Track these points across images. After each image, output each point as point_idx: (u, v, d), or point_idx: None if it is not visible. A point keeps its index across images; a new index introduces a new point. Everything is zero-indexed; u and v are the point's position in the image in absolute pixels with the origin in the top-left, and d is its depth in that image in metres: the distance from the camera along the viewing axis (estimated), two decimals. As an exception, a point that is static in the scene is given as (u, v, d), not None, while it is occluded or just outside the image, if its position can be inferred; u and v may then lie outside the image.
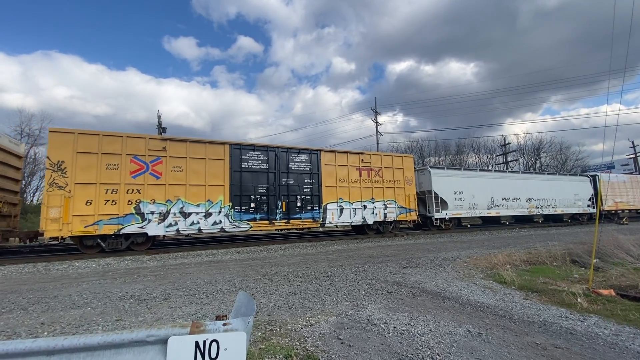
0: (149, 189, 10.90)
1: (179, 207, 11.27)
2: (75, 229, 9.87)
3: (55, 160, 9.83)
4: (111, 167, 10.47)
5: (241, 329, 2.20)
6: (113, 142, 10.65)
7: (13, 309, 4.83)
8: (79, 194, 10.00)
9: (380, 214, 15.19)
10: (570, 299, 4.69)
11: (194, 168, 11.65)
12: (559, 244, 10.03)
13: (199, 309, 4.65)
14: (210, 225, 11.72)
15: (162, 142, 11.39)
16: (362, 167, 15.06)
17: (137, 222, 10.64)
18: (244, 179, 12.49)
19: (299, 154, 13.76)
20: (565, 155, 46.97)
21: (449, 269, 7.28)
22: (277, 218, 12.89)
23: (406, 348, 3.22)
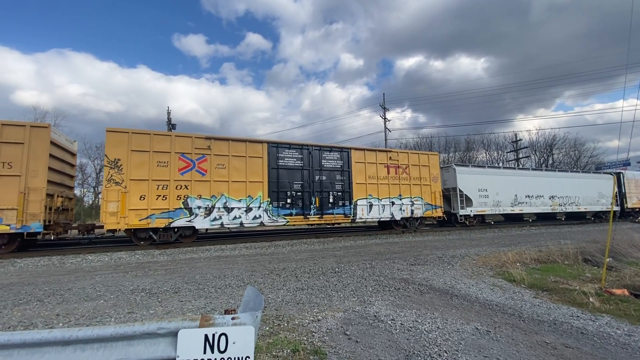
0: (196, 185, 11.56)
1: (223, 202, 11.93)
2: (131, 222, 10.61)
3: (112, 158, 10.54)
4: (161, 164, 11.15)
5: (249, 323, 2.23)
6: (162, 141, 11.31)
7: (30, 301, 4.99)
8: (134, 189, 10.70)
9: (408, 210, 15.65)
10: (581, 299, 4.62)
11: (236, 165, 12.29)
12: (571, 243, 9.85)
13: (208, 302, 4.73)
14: (250, 219, 12.40)
15: (206, 140, 11.96)
16: (390, 165, 15.50)
17: (185, 216, 11.33)
18: (280, 175, 13.08)
19: (330, 152, 14.32)
20: (579, 152, 45.94)
21: (457, 266, 7.23)
22: (311, 213, 13.50)
23: (413, 345, 3.23)
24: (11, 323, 4.00)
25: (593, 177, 23.68)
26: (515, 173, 20.52)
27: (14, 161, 9.57)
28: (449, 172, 17.89)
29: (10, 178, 9.47)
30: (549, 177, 21.35)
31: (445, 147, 45.50)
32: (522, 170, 22.17)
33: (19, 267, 8.05)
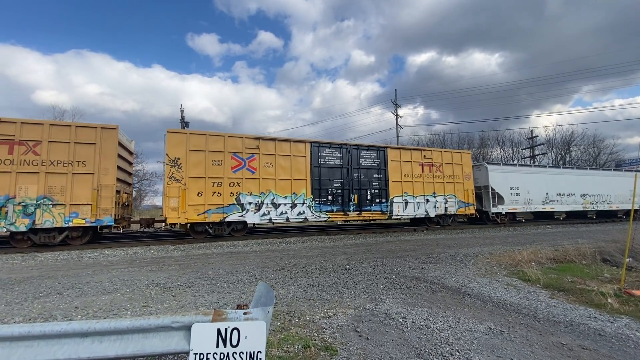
0: (247, 182, 12.33)
1: (271, 198, 12.67)
2: (190, 216, 11.38)
3: (173, 157, 11.33)
4: (216, 163, 11.92)
5: (261, 319, 2.25)
6: (217, 141, 12.06)
7: (49, 294, 5.16)
8: (192, 186, 11.47)
9: (442, 208, 16.04)
10: (599, 299, 4.50)
11: (282, 164, 13.02)
12: (589, 242, 9.58)
13: (220, 297, 4.80)
14: (295, 215, 13.11)
15: (255, 140, 12.70)
16: (424, 163, 15.95)
17: (237, 212, 12.10)
18: (322, 173, 13.74)
19: (368, 150, 14.83)
20: (598, 149, 44.48)
21: (470, 265, 7.13)
22: (350, 210, 14.06)
23: (424, 343, 3.20)
24: (32, 315, 4.15)
25: (625, 175, 23.44)
26: (546, 171, 20.58)
27: (87, 160, 10.39)
28: (480, 171, 18.07)
29: (84, 176, 10.31)
30: (580, 175, 21.34)
31: (458, 144, 44.77)
32: (554, 168, 22.17)
33: (39, 261, 8.33)
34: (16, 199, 9.62)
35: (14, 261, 8.32)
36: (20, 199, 9.65)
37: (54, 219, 9.89)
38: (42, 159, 9.93)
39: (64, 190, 10.04)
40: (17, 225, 9.57)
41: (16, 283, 5.85)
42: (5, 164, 9.64)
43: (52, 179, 9.97)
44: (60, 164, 10.10)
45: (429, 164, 16.03)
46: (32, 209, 9.71)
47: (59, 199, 9.97)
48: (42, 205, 9.79)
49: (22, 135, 9.87)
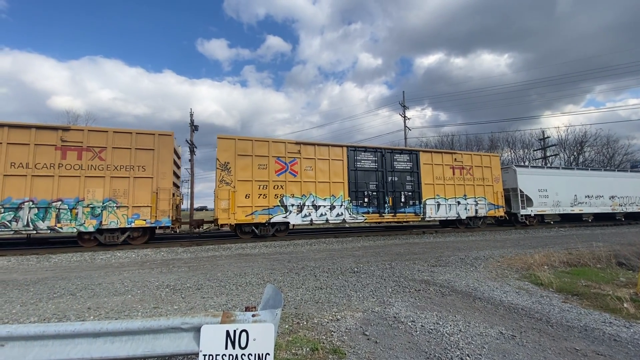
0: (289, 185, 12.98)
1: (311, 200, 13.28)
2: (239, 217, 12.09)
3: (223, 161, 12.10)
4: (261, 167, 12.65)
5: (269, 321, 2.26)
6: (262, 146, 12.82)
7: (63, 294, 5.27)
8: (240, 189, 12.20)
9: (472, 210, 16.37)
10: (615, 304, 4.38)
11: (321, 167, 13.67)
12: (604, 245, 9.34)
13: (229, 299, 4.83)
14: (334, 216, 13.66)
15: (296, 145, 13.42)
16: (455, 166, 16.29)
17: (281, 213, 12.74)
18: (358, 176, 14.27)
19: (401, 154, 15.36)
20: (612, 150, 43.41)
21: (480, 268, 7.03)
22: (385, 212, 14.54)
23: (434, 347, 3.17)
24: (46, 315, 4.24)
25: None
26: (574, 173, 20.73)
27: (147, 165, 11.17)
28: (508, 173, 18.36)
29: (144, 179, 11.08)
30: (609, 177, 21.33)
31: (467, 146, 44.28)
32: (582, 170, 22.14)
33: (53, 263, 8.52)
34: (85, 202, 10.36)
35: (29, 262, 8.52)
36: (88, 201, 10.41)
37: (118, 220, 10.66)
38: (107, 164, 10.73)
39: (126, 193, 10.83)
40: (86, 226, 10.33)
41: (31, 284, 5.99)
42: (74, 169, 10.41)
43: (115, 182, 10.76)
44: (123, 169, 10.89)
45: (459, 166, 16.35)
46: (98, 211, 10.48)
47: (122, 201, 10.74)
48: (107, 207, 10.56)
49: (89, 142, 10.64)
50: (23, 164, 9.98)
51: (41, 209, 9.95)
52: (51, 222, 10.00)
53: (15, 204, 9.77)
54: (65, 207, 10.15)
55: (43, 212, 9.96)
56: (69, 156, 10.37)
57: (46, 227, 9.96)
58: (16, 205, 9.76)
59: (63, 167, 10.29)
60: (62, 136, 10.38)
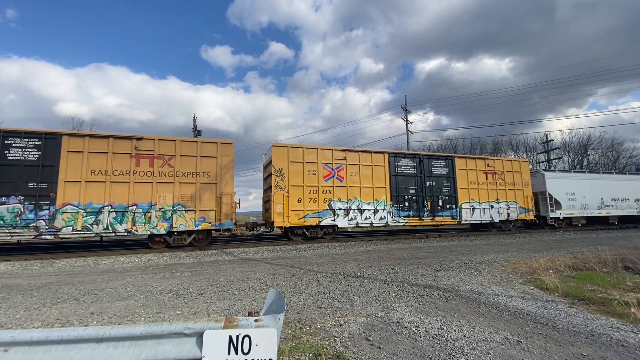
0: (336, 190, 13.77)
1: (357, 204, 14.00)
2: (292, 220, 12.89)
3: (277, 167, 12.91)
4: (311, 172, 13.45)
5: (272, 326, 2.25)
6: (311, 153, 13.65)
7: (66, 299, 5.28)
8: (293, 193, 12.99)
9: (504, 213, 17.06)
10: (622, 309, 4.32)
11: (365, 173, 14.39)
12: (609, 249, 9.24)
13: (231, 304, 4.81)
14: (378, 220, 14.33)
15: (342, 152, 14.19)
16: (487, 171, 16.99)
17: (330, 216, 13.52)
18: (399, 181, 15.02)
19: (437, 159, 16.08)
20: (617, 152, 43.08)
21: (484, 272, 6.97)
22: (425, 215, 15.27)
23: (438, 353, 3.13)
24: (49, 320, 4.24)
25: None
26: (600, 177, 21.24)
27: (210, 171, 11.91)
28: (536, 177, 18.87)
29: (209, 185, 11.84)
30: (634, 181, 21.93)
31: (470, 149, 44.15)
32: (607, 174, 22.67)
33: (57, 268, 8.55)
34: (157, 206, 11.14)
35: (33, 267, 8.55)
36: (159, 205, 11.18)
37: (187, 223, 11.45)
38: (175, 170, 11.51)
39: (193, 197, 11.60)
40: (159, 229, 11.12)
41: (35, 289, 6.01)
42: (147, 176, 11.19)
43: (183, 188, 11.54)
44: (190, 175, 11.67)
45: (491, 172, 17.05)
46: (169, 214, 11.28)
47: (189, 205, 11.51)
48: (177, 211, 11.35)
49: (160, 150, 11.43)
50: (102, 171, 10.75)
51: (119, 213, 10.75)
52: (128, 225, 10.79)
53: (96, 208, 10.55)
54: (140, 211, 10.96)
55: (120, 215, 10.76)
56: (142, 164, 11.19)
57: (123, 229, 10.74)
58: (97, 209, 10.54)
59: (137, 173, 11.09)
60: (136, 145, 11.20)
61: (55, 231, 10.11)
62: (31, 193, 10.05)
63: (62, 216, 10.16)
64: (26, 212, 9.94)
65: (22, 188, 9.99)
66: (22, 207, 9.94)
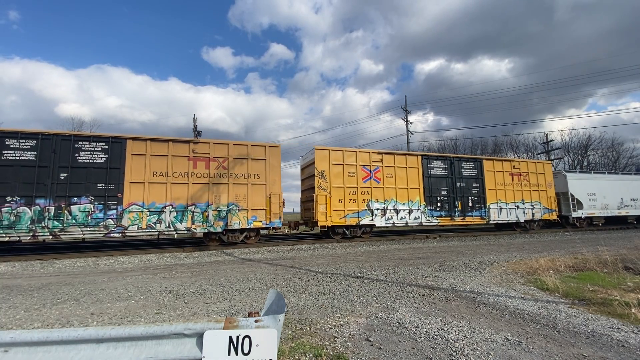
0: (374, 191, 14.34)
1: (393, 205, 14.63)
2: (334, 220, 13.52)
3: (320, 169, 13.53)
4: (351, 174, 14.06)
5: (272, 326, 2.25)
6: (350, 156, 14.24)
7: (67, 300, 5.27)
8: (334, 194, 13.64)
9: (529, 214, 17.61)
10: (622, 310, 4.31)
11: (400, 175, 15.01)
12: (609, 249, 9.24)
13: (232, 305, 4.81)
14: (412, 220, 14.96)
15: (379, 155, 14.81)
16: (513, 172, 17.56)
17: (368, 216, 14.10)
18: (431, 183, 15.60)
19: (467, 161, 16.73)
20: (617, 153, 43.05)
21: (485, 273, 6.96)
22: (456, 215, 15.81)
23: (439, 354, 3.13)
24: (50, 321, 4.24)
25: None
26: (620, 178, 21.86)
27: (260, 173, 12.60)
28: (558, 178, 19.48)
29: (259, 186, 12.52)
30: None
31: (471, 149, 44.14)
32: (627, 175, 23.28)
33: (57, 268, 8.55)
34: (213, 205, 11.78)
35: (33, 268, 8.55)
36: (215, 205, 11.83)
37: (240, 222, 12.13)
38: (229, 172, 12.19)
39: (245, 198, 12.27)
40: (215, 227, 11.81)
41: (35, 289, 6.01)
42: (204, 177, 11.85)
43: (236, 188, 12.20)
44: (242, 176, 12.36)
45: (517, 173, 17.60)
46: (224, 214, 11.95)
47: (242, 205, 12.19)
48: (231, 210, 12.02)
49: (214, 153, 12.07)
50: (163, 173, 11.39)
51: (179, 212, 11.41)
52: (188, 223, 11.45)
53: (159, 207, 11.18)
54: (198, 210, 11.62)
55: (181, 215, 11.42)
56: (198, 166, 11.82)
57: (184, 228, 11.42)
58: (159, 209, 11.18)
59: (194, 175, 11.73)
60: (193, 148, 11.83)
61: (123, 229, 10.72)
62: (100, 194, 10.65)
63: (128, 215, 10.79)
64: (96, 212, 10.55)
65: (91, 189, 10.60)
66: (92, 206, 10.55)
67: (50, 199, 10.16)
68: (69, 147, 10.54)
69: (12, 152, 10.06)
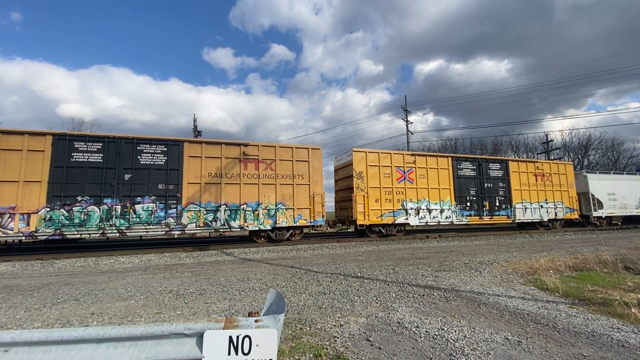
0: (408, 191, 15.02)
1: (425, 204, 15.26)
2: (372, 219, 14.10)
3: (358, 171, 14.13)
4: (386, 175, 14.69)
5: (272, 326, 2.25)
6: (385, 157, 14.86)
7: (67, 300, 5.28)
8: (371, 194, 14.20)
9: (552, 213, 18.33)
10: (622, 310, 4.31)
11: (432, 175, 15.63)
12: (610, 249, 9.24)
13: (232, 305, 4.81)
14: (444, 219, 15.57)
15: (412, 157, 15.47)
16: (537, 173, 18.18)
17: (403, 216, 14.78)
18: (461, 183, 16.21)
19: (494, 163, 17.45)
20: (617, 152, 43.08)
21: (485, 273, 6.96)
22: (484, 214, 16.51)
23: (439, 354, 3.13)
24: (50, 321, 4.24)
25: None
26: (637, 178, 22.33)
27: (303, 174, 13.30)
28: (578, 179, 19.98)
29: (303, 186, 13.22)
30: None
31: (471, 149, 44.15)
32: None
33: (57, 268, 8.55)
34: (263, 205, 12.49)
35: (33, 268, 8.56)
36: (265, 204, 12.53)
37: (287, 220, 12.80)
38: (276, 173, 12.87)
39: (291, 197, 12.93)
40: (265, 225, 12.52)
41: (35, 289, 6.01)
42: (254, 178, 12.55)
43: (283, 188, 12.87)
44: (288, 177, 13.03)
45: (540, 174, 18.24)
46: (273, 212, 12.64)
47: (289, 204, 12.86)
48: (279, 209, 12.71)
49: (262, 155, 12.77)
50: (217, 174, 12.06)
51: (232, 211, 12.10)
52: (240, 221, 12.14)
53: (214, 207, 11.86)
54: (249, 209, 12.33)
55: (234, 213, 12.12)
56: (249, 167, 12.52)
57: (237, 225, 12.13)
58: (214, 207, 11.86)
59: (245, 176, 12.42)
60: (244, 150, 12.51)
61: (182, 227, 11.40)
62: (161, 193, 11.30)
63: (187, 214, 11.45)
64: (158, 211, 11.18)
65: (153, 189, 11.23)
66: (155, 205, 11.16)
67: (117, 199, 10.78)
68: (131, 149, 11.17)
69: (81, 155, 10.66)
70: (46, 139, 10.35)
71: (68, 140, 10.56)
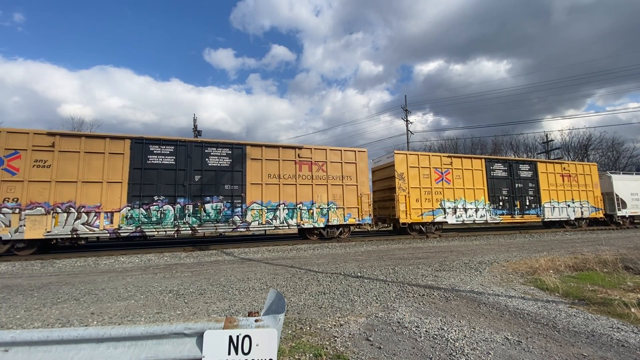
0: (445, 191, 15.64)
1: (462, 204, 15.90)
2: (413, 218, 14.82)
3: (399, 172, 14.83)
4: (425, 176, 15.34)
5: (272, 326, 2.25)
6: (424, 159, 15.55)
7: (67, 300, 5.28)
8: (412, 194, 14.92)
9: (578, 212, 18.99)
10: (622, 309, 4.31)
11: (467, 176, 16.29)
12: (610, 249, 9.25)
13: (232, 304, 4.81)
14: (479, 218, 16.28)
15: (449, 158, 16.19)
16: (563, 174, 18.88)
17: (441, 215, 15.39)
18: (494, 183, 16.93)
19: (523, 164, 18.21)
20: (617, 152, 43.09)
21: (485, 273, 6.96)
22: (515, 213, 17.18)
23: (439, 353, 3.13)
24: (50, 320, 4.24)
25: None
26: None
27: (352, 175, 13.98)
28: (602, 179, 20.54)
29: (351, 187, 13.92)
30: None
31: (471, 149, 44.15)
32: None
33: (57, 268, 8.55)
34: (316, 204, 13.22)
35: (33, 267, 8.56)
36: (318, 203, 13.26)
37: (338, 218, 13.50)
38: (327, 174, 13.59)
39: (341, 197, 13.63)
40: (319, 223, 13.21)
41: (35, 289, 6.01)
42: (308, 179, 13.27)
43: (334, 189, 13.62)
44: (337, 178, 13.75)
45: (567, 174, 18.94)
46: (325, 211, 13.36)
47: (339, 203, 13.58)
48: (331, 208, 13.44)
49: (315, 157, 13.50)
50: (275, 175, 12.81)
51: (290, 210, 12.82)
52: (297, 219, 12.85)
53: (274, 206, 12.62)
54: (305, 208, 13.04)
55: (291, 212, 12.84)
56: (303, 169, 13.22)
57: (295, 223, 12.84)
58: (274, 206, 12.62)
59: (300, 177, 13.11)
60: (298, 153, 13.22)
61: (247, 225, 12.18)
62: (227, 193, 12.06)
63: (250, 212, 12.22)
64: (225, 210, 11.94)
65: (220, 189, 11.98)
66: (222, 205, 11.92)
67: (189, 198, 11.53)
68: (200, 152, 11.90)
69: (156, 157, 11.39)
70: (125, 143, 11.06)
71: (144, 143, 11.27)
